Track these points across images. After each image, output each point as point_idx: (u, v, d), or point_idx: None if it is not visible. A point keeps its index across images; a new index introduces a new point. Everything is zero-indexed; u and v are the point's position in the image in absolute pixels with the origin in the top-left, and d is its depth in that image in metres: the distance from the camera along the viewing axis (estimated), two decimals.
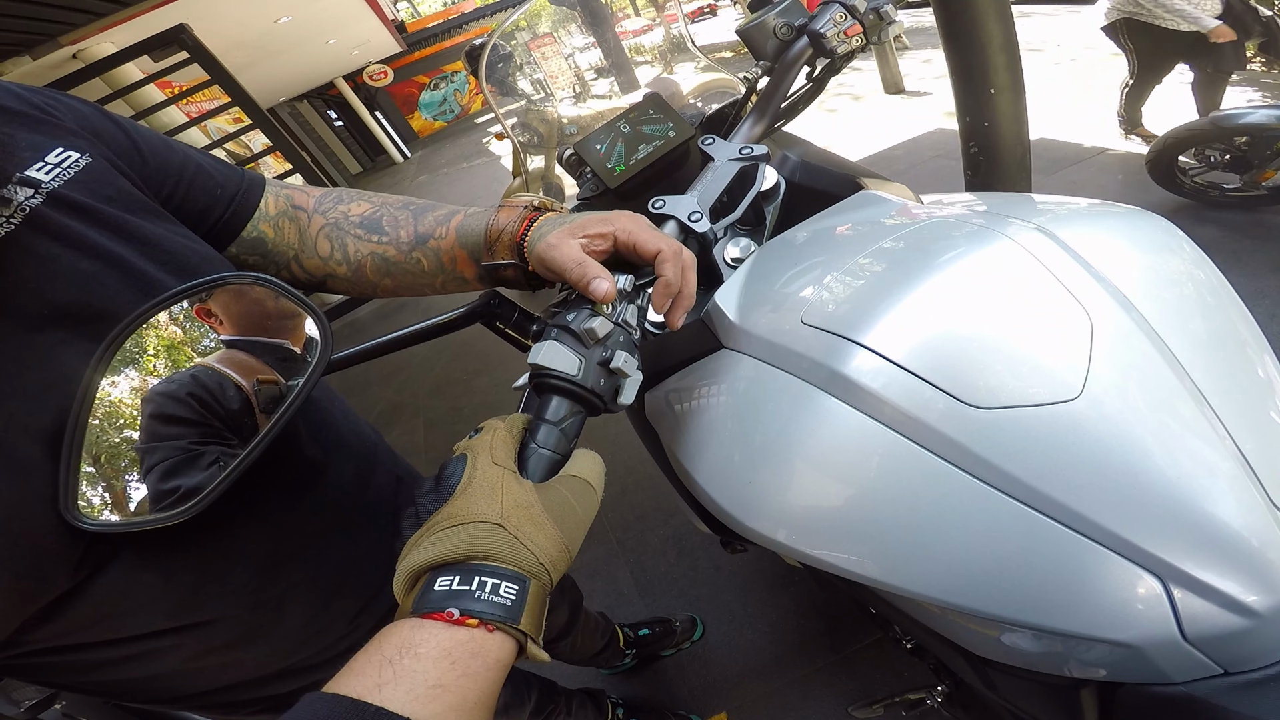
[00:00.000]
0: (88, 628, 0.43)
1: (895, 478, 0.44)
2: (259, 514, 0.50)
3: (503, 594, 0.33)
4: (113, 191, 0.47)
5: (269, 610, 0.52)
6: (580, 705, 1.17)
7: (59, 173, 0.44)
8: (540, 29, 1.42)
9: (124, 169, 0.50)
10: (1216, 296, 0.49)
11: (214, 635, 0.49)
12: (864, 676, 1.31)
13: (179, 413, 0.43)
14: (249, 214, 0.59)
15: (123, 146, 0.52)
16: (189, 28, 3.68)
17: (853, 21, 0.78)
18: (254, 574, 0.50)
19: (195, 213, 0.55)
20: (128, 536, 0.42)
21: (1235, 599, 0.38)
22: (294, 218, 0.62)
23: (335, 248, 0.61)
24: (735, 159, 0.67)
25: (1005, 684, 0.54)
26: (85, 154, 0.47)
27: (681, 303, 0.49)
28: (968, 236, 0.50)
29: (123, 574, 0.42)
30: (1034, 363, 0.42)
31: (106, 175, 0.48)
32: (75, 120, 0.50)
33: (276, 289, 0.42)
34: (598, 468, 0.43)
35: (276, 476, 0.52)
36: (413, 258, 0.59)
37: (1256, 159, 2.10)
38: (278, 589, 0.52)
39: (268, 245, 0.60)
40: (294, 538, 0.54)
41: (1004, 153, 1.84)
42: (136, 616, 0.45)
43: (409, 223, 0.60)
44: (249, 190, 0.59)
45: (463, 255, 0.57)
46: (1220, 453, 0.40)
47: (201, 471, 0.42)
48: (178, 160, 0.55)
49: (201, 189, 0.56)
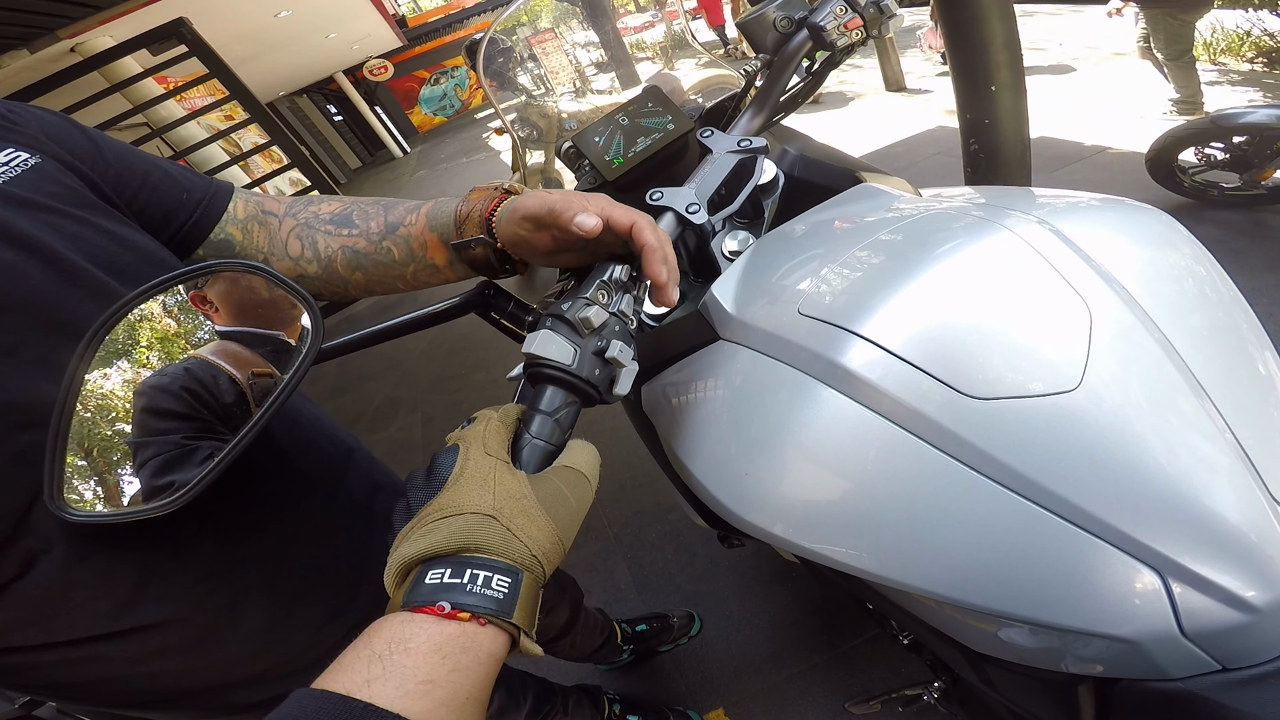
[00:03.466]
0: (21, 629, 0.43)
1: (892, 470, 0.43)
2: (206, 513, 0.49)
3: (495, 587, 0.32)
4: (59, 189, 0.48)
5: (222, 613, 0.51)
6: (577, 703, 1.16)
7: (4, 170, 0.45)
8: (540, 24, 1.41)
9: (83, 170, 0.51)
10: (1217, 291, 0.49)
11: (160, 638, 0.48)
12: (861, 672, 1.31)
13: (172, 406, 0.42)
14: (216, 216, 0.59)
15: (85, 150, 0.53)
16: (188, 21, 3.67)
17: (853, 14, 0.78)
18: (203, 576, 0.49)
19: (160, 215, 0.56)
20: (62, 532, 0.41)
21: (1235, 594, 0.37)
22: (264, 222, 0.62)
23: (305, 246, 0.60)
24: (734, 151, 0.67)
25: (1002, 680, 0.54)
26: (36, 154, 0.48)
27: (670, 272, 0.48)
28: (966, 228, 0.49)
29: (58, 572, 0.42)
30: (1032, 354, 0.42)
31: (56, 174, 0.49)
32: (37, 126, 0.51)
33: (266, 276, 0.42)
34: (592, 459, 0.43)
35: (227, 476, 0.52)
36: (383, 248, 0.59)
37: (1256, 158, 2.09)
38: (231, 592, 0.51)
39: (235, 248, 0.60)
40: (250, 541, 0.53)
41: (1004, 150, 1.84)
42: (74, 617, 0.44)
43: (379, 215, 0.60)
44: (216, 195, 0.60)
45: (433, 239, 0.57)
46: (1220, 447, 0.40)
47: (195, 467, 0.40)
48: (143, 166, 0.56)
49: (167, 193, 0.57)
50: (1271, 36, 3.40)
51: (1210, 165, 2.22)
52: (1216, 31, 3.62)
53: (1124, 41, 4.03)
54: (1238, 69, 3.47)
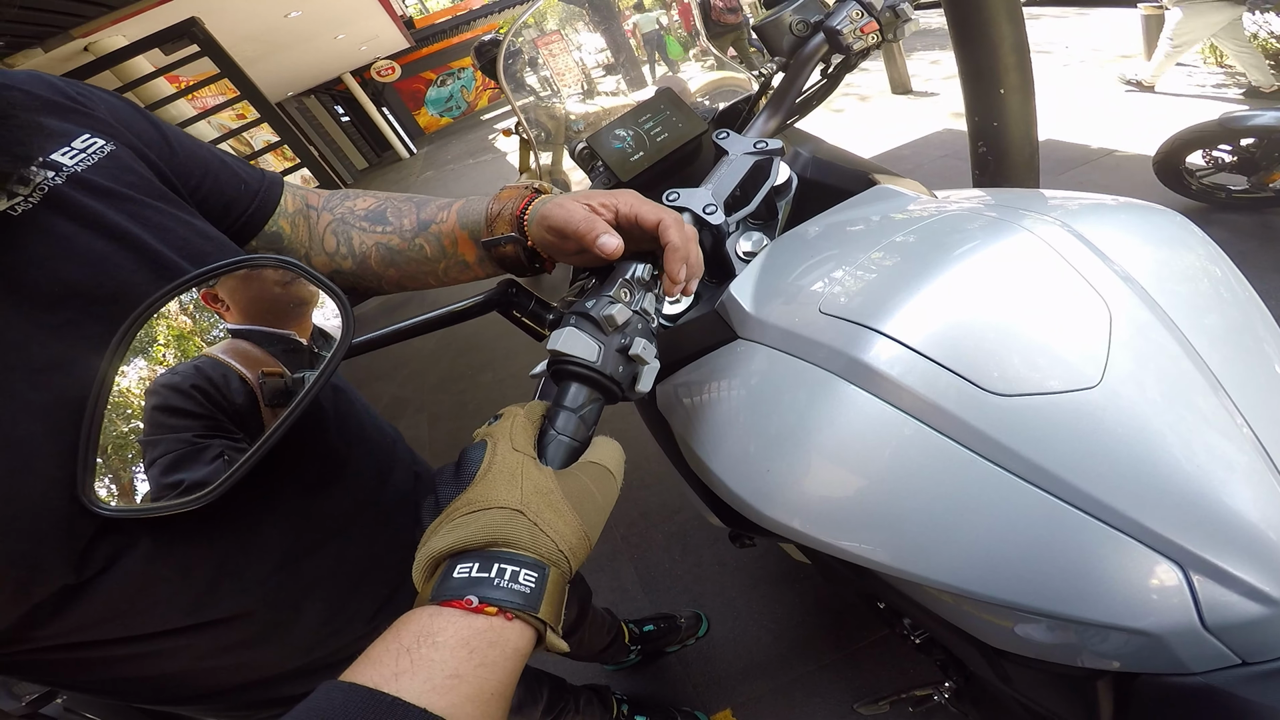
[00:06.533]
0: (99, 624, 0.43)
1: (914, 464, 0.44)
2: (276, 506, 0.50)
3: (522, 581, 0.33)
4: (135, 179, 0.48)
5: (287, 608, 0.52)
6: (588, 701, 1.17)
7: (83, 158, 0.45)
8: (548, 26, 1.43)
9: (152, 159, 0.51)
10: (1233, 291, 0.49)
11: (229, 633, 0.49)
12: (870, 673, 1.31)
13: (183, 405, 0.42)
14: (271, 209, 0.60)
15: (152, 138, 0.53)
16: (200, 21, 3.70)
17: (869, 19, 0.79)
18: (273, 569, 0.50)
19: (221, 205, 0.56)
20: (148, 526, 0.41)
21: (1255, 587, 0.38)
22: (306, 215, 0.63)
23: (340, 242, 0.61)
24: (750, 153, 0.67)
25: (1019, 676, 0.54)
26: (110, 141, 0.47)
27: (692, 271, 0.49)
28: (984, 228, 0.50)
29: (140, 567, 0.42)
30: (1053, 351, 0.42)
31: (130, 163, 0.48)
32: (107, 111, 0.50)
33: (298, 270, 0.43)
34: (617, 455, 0.43)
35: (295, 466, 0.52)
36: (415, 244, 0.60)
37: (1264, 161, 2.09)
38: (297, 586, 0.52)
39: (284, 241, 0.61)
40: (313, 533, 0.53)
41: (1013, 152, 1.84)
42: (153, 613, 0.45)
43: (412, 212, 0.61)
44: (271, 186, 0.61)
45: (463, 236, 0.58)
46: (1239, 443, 0.40)
47: (205, 465, 0.41)
48: (204, 154, 0.57)
49: (228, 183, 0.57)
50: (1278, 39, 3.39)
51: (1218, 168, 2.22)
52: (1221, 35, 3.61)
53: (1129, 44, 4.03)
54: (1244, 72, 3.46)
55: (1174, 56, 3.25)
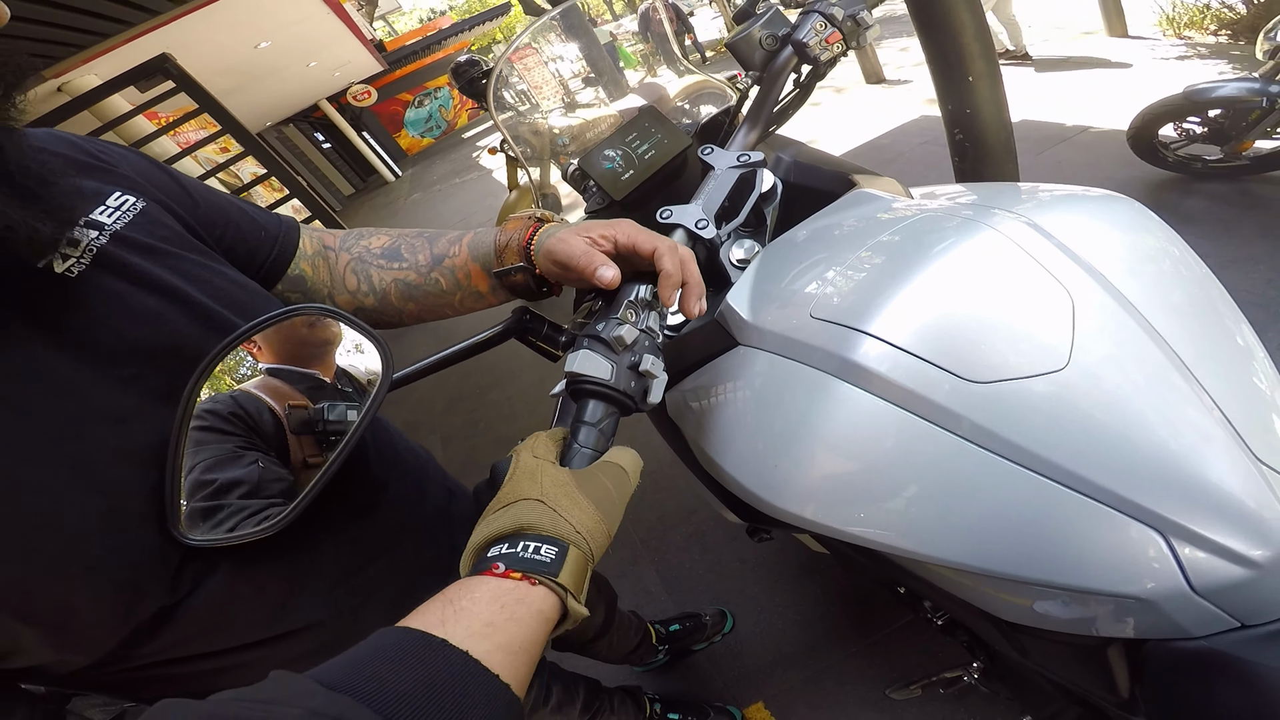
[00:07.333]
0: (191, 640, 0.47)
1: (909, 452, 0.48)
2: (332, 526, 0.54)
3: (543, 554, 0.37)
4: (167, 233, 0.51)
5: (349, 616, 0.56)
6: (621, 702, 1.20)
7: (119, 215, 0.48)
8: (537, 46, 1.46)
9: (178, 211, 0.54)
10: (1190, 271, 0.53)
11: (302, 643, 0.53)
12: (898, 659, 1.31)
13: (225, 426, 0.47)
14: (291, 252, 0.63)
15: (173, 191, 0.55)
16: (171, 56, 3.66)
17: (833, 29, 0.83)
18: (334, 583, 0.54)
19: (245, 253, 0.59)
20: (224, 552, 0.46)
21: (1233, 550, 0.40)
22: (325, 256, 0.66)
23: (361, 280, 0.65)
24: (735, 166, 0.71)
25: (1035, 648, 0.57)
26: (140, 198, 0.50)
27: (692, 291, 0.52)
28: (956, 228, 0.54)
29: (221, 588, 0.46)
30: (1023, 338, 0.47)
31: (160, 217, 0.51)
32: (129, 168, 0.53)
33: (340, 318, 0.48)
34: (633, 458, 0.48)
35: (343, 494, 0.56)
36: (431, 278, 0.64)
37: (1233, 130, 2.11)
38: (359, 595, 0.56)
39: (307, 283, 0.64)
40: (365, 550, 0.57)
41: (989, 137, 1.88)
42: (234, 628, 0.49)
43: (425, 248, 0.65)
44: (289, 231, 0.64)
45: (476, 269, 0.62)
46: (1203, 413, 0.44)
47: (242, 468, 0.46)
48: (224, 203, 0.60)
49: (248, 231, 0.60)
50: (1230, 9, 3.46)
51: (1190, 139, 2.25)
52: (1178, 6, 3.67)
53: (1089, 20, 4.09)
54: (1204, 42, 3.52)
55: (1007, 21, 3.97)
